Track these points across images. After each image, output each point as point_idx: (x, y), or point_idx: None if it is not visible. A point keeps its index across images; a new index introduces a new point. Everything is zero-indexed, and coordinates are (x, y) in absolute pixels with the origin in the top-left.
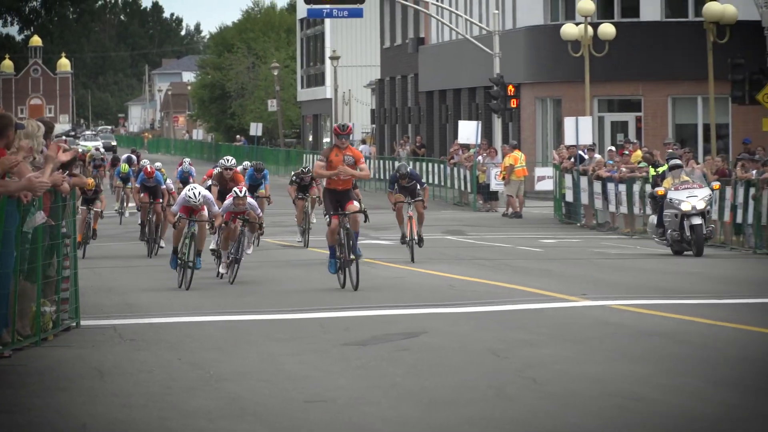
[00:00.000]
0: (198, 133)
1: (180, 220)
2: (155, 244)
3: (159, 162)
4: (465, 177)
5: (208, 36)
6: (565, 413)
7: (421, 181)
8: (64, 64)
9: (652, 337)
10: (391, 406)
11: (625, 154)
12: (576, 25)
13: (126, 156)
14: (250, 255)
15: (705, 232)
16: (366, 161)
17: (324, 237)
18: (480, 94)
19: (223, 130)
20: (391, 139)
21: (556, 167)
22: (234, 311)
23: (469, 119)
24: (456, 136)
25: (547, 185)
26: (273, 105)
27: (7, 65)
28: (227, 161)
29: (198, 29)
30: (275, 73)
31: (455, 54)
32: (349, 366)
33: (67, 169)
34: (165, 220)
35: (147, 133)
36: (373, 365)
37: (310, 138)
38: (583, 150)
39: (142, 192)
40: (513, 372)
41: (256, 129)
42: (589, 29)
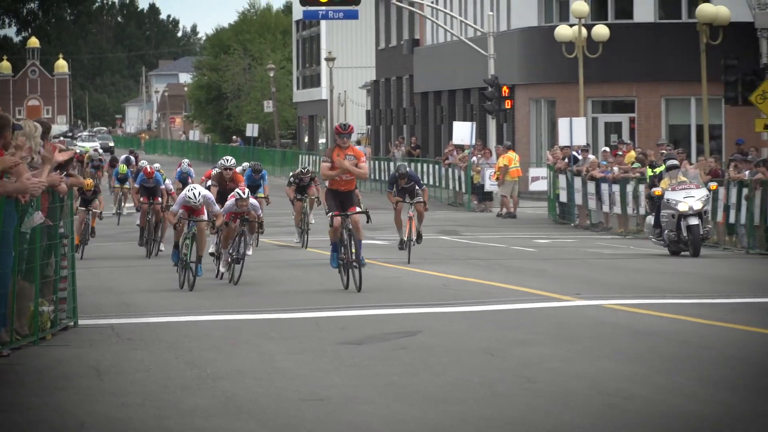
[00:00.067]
0: (194, 134)
1: (180, 220)
2: (155, 243)
3: (158, 163)
4: (460, 177)
5: (204, 37)
6: (560, 412)
7: (420, 182)
8: (61, 65)
9: (646, 337)
10: (387, 404)
11: (619, 154)
12: (570, 27)
13: (124, 157)
14: (250, 256)
15: (702, 232)
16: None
17: (323, 236)
18: (474, 95)
19: (220, 131)
20: (386, 140)
21: (550, 168)
22: (231, 311)
23: (464, 120)
24: (451, 136)
25: (541, 186)
26: (269, 106)
27: (5, 66)
28: (227, 161)
29: (194, 31)
30: (271, 75)
31: (450, 55)
32: (345, 365)
33: (65, 170)
34: (165, 221)
35: (144, 134)
36: (369, 364)
37: (305, 139)
38: (577, 151)
39: (141, 194)
40: (508, 371)
41: (252, 130)
42: (583, 30)
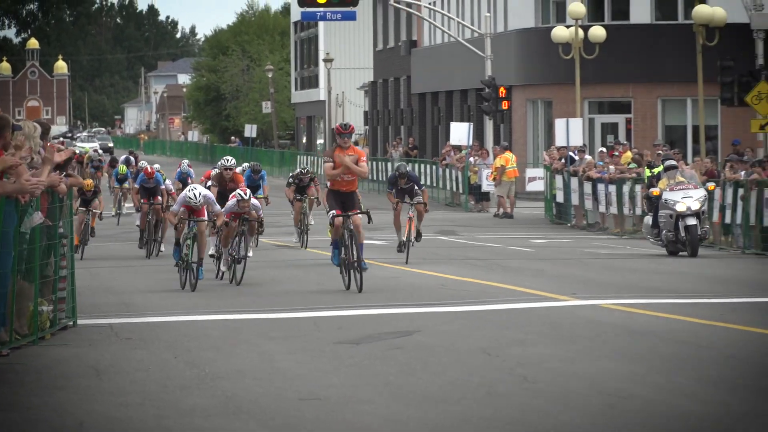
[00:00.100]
0: (193, 135)
1: (181, 221)
2: (155, 243)
3: (157, 164)
4: (457, 178)
5: (203, 39)
6: (559, 412)
7: (419, 183)
8: (61, 66)
9: (643, 336)
10: (384, 404)
11: (615, 155)
12: (567, 28)
13: (124, 157)
14: (250, 257)
15: (700, 232)
16: None
17: (322, 236)
18: (472, 96)
19: (218, 131)
20: (384, 141)
21: (546, 168)
22: (230, 311)
23: (461, 121)
24: (448, 137)
25: (538, 186)
26: (267, 107)
27: (5, 68)
28: (227, 161)
29: (193, 32)
30: (269, 76)
31: (447, 56)
32: (343, 364)
33: (64, 170)
34: (165, 221)
35: (143, 135)
36: (367, 364)
37: (303, 139)
38: (574, 151)
39: (141, 194)
40: (505, 370)
41: (250, 131)
42: (580, 32)
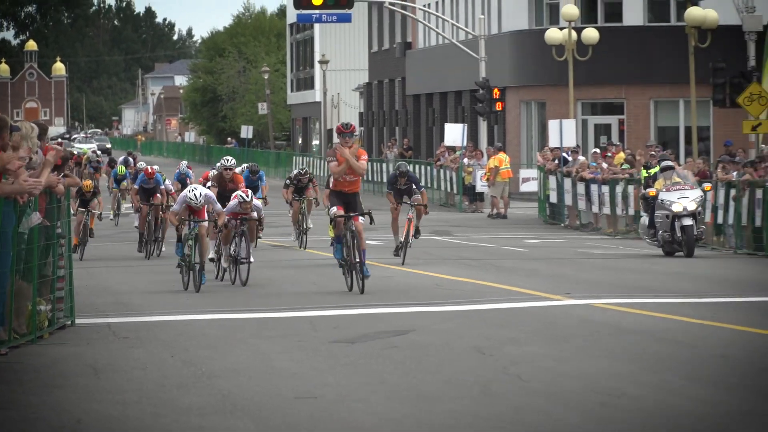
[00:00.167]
0: (190, 136)
1: (182, 221)
2: (155, 243)
3: (156, 165)
4: (451, 178)
5: (199, 40)
6: (550, 409)
7: (419, 183)
8: (59, 68)
9: (634, 335)
10: (379, 402)
11: (608, 156)
12: (560, 30)
13: (123, 158)
14: (252, 263)
15: (696, 233)
16: None
17: (321, 237)
18: (466, 97)
19: (215, 132)
20: (379, 142)
21: (540, 169)
22: (226, 310)
23: (456, 122)
24: (442, 138)
25: (532, 187)
26: (263, 108)
27: (3, 69)
28: (227, 161)
29: (190, 34)
30: (265, 77)
31: (442, 58)
32: (338, 363)
33: (61, 171)
34: (166, 221)
35: (140, 136)
36: (362, 363)
37: (299, 140)
38: (567, 152)
39: (141, 196)
40: (498, 369)
41: (246, 132)
42: (573, 34)
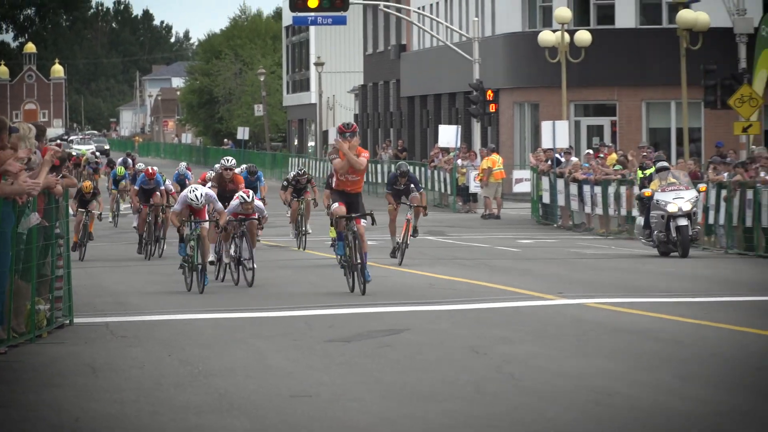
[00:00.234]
0: (187, 137)
1: (183, 223)
2: (156, 244)
3: (156, 166)
4: (445, 179)
5: (196, 43)
6: (543, 408)
7: (418, 184)
8: (57, 70)
9: (627, 334)
10: (374, 401)
11: (600, 157)
12: (553, 32)
13: (121, 159)
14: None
15: (691, 233)
16: None
17: (319, 237)
18: (460, 99)
19: (212, 134)
20: (374, 143)
21: (533, 170)
22: (223, 310)
23: (449, 124)
24: (436, 139)
25: (525, 187)
26: (259, 110)
27: (2, 71)
28: (227, 161)
29: (187, 36)
30: (261, 79)
31: (436, 60)
32: (334, 362)
33: (59, 172)
34: (167, 221)
35: (138, 137)
36: (357, 361)
37: (295, 142)
38: (560, 153)
39: (140, 197)
40: (492, 368)
41: (243, 133)
42: (566, 36)
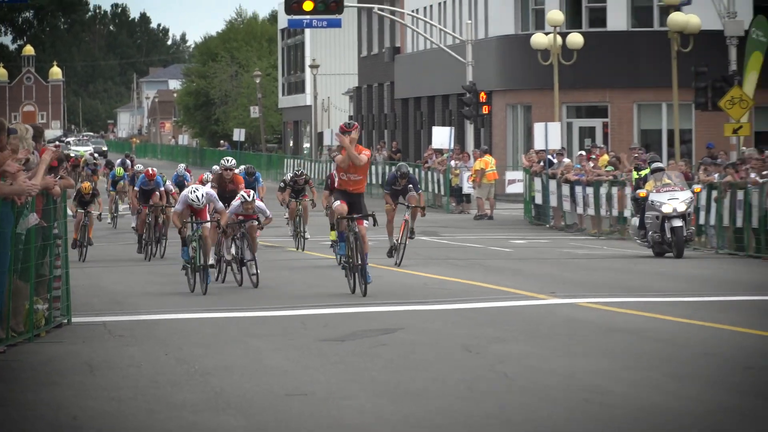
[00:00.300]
0: (183, 139)
1: (184, 224)
2: (157, 244)
3: (155, 167)
4: (438, 180)
5: (193, 45)
6: (536, 406)
7: (417, 185)
8: (55, 72)
9: (619, 334)
10: (368, 399)
11: (593, 158)
12: (545, 35)
13: (120, 160)
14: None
15: (686, 234)
16: None
17: (318, 238)
18: (453, 101)
19: (208, 135)
20: (368, 145)
21: (526, 171)
22: (219, 309)
23: (443, 125)
24: (430, 141)
25: (518, 188)
26: (255, 112)
27: (1, 74)
28: (227, 161)
29: (184, 39)
30: (257, 81)
31: (430, 62)
32: (328, 361)
33: (57, 173)
34: (166, 221)
35: (135, 139)
36: (351, 360)
37: (291, 143)
38: (552, 154)
39: (140, 198)
40: (485, 367)
41: (239, 135)
42: (558, 38)
